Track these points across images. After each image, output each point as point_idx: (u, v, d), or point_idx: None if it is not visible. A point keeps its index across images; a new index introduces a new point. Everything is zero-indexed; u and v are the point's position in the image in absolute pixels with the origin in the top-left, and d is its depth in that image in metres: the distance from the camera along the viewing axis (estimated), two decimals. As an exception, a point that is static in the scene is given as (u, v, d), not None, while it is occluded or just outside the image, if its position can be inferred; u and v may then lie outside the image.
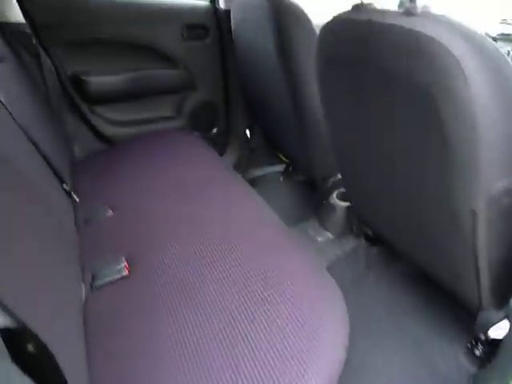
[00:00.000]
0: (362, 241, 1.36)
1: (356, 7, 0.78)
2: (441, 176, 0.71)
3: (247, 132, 1.83)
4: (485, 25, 1.66)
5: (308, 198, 1.62)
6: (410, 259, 1.12)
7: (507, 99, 0.60)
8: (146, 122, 1.68)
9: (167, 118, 1.72)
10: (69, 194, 1.12)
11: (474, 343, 0.98)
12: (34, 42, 1.36)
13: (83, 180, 1.29)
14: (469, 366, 0.98)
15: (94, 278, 0.89)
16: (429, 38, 0.59)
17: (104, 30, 1.49)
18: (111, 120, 1.61)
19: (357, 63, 0.78)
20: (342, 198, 1.39)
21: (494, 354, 0.79)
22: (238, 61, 1.58)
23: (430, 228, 0.86)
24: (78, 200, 1.14)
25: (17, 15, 1.33)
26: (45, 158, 1.04)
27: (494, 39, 1.51)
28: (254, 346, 0.68)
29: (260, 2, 1.22)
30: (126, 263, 0.91)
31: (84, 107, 1.54)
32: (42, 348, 0.37)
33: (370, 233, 1.31)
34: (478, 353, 0.95)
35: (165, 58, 1.62)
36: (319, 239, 1.40)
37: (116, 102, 1.60)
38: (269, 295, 0.77)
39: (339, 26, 0.81)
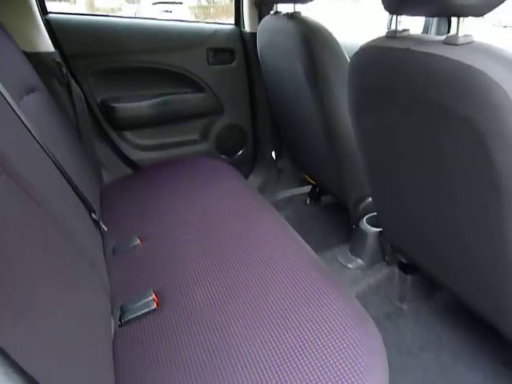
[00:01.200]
0: (396, 269, 1.30)
1: (391, 34, 0.75)
2: (492, 210, 0.67)
3: (273, 154, 1.81)
4: None
5: (337, 223, 1.58)
6: (450, 290, 1.06)
7: None
8: (173, 146, 1.68)
9: (194, 142, 1.72)
10: (97, 223, 1.12)
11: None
12: (64, 71, 1.38)
13: (111, 207, 1.29)
14: None
15: (122, 311, 0.87)
16: (476, 71, 0.56)
17: (130, 58, 1.52)
18: (139, 145, 1.63)
19: (393, 92, 0.75)
20: (373, 223, 1.34)
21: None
22: (266, 84, 1.57)
23: (478, 260, 0.81)
24: (106, 229, 1.13)
25: (47, 45, 1.37)
26: (74, 188, 1.04)
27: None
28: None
29: (288, 25, 1.21)
30: (154, 296, 0.89)
31: (112, 133, 1.56)
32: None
33: (404, 260, 1.26)
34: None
35: (191, 83, 1.63)
36: (350, 266, 1.35)
37: (143, 128, 1.61)
38: (302, 339, 0.73)
39: (374, 53, 0.78)
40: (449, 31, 1.52)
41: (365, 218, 1.38)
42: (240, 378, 0.67)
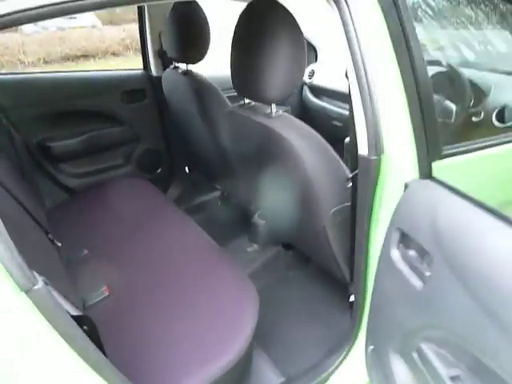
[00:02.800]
0: (281, 248, 1.81)
1: (242, 105, 1.23)
2: (304, 208, 1.18)
3: (186, 169, 2.24)
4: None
5: (240, 219, 2.06)
6: (308, 255, 1.59)
7: (324, 162, 1.07)
8: (102, 171, 2.04)
9: (119, 166, 2.10)
10: (52, 241, 1.48)
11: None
12: (3, 121, 1.69)
13: (57, 227, 1.64)
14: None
15: (84, 301, 1.26)
16: (278, 133, 1.05)
17: (59, 104, 1.85)
18: (73, 173, 1.97)
19: (247, 142, 1.24)
20: (261, 217, 1.83)
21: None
22: (173, 116, 1.99)
23: (310, 236, 1.33)
24: (60, 245, 1.49)
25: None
26: (30, 214, 1.38)
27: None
28: (188, 319, 1.13)
29: (183, 80, 1.65)
30: (106, 287, 1.29)
31: (49, 167, 1.88)
32: (92, 327, 0.77)
33: (284, 241, 1.77)
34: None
35: (112, 119, 2.00)
36: (248, 250, 1.84)
37: (76, 159, 1.95)
38: (201, 296, 1.20)
39: (236, 114, 1.25)
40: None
41: (256, 214, 1.87)
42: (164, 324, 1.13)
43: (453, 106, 1.15)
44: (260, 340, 1.28)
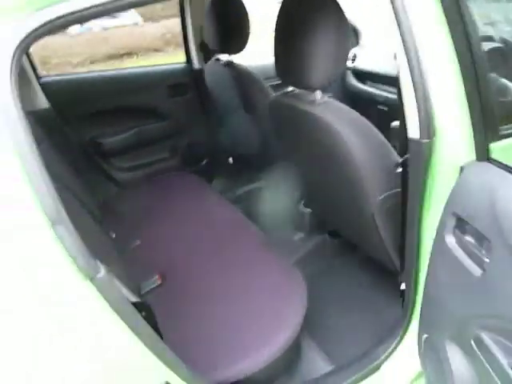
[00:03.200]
0: (326, 236, 1.80)
1: (286, 93, 1.22)
2: (351, 196, 1.16)
3: (230, 160, 2.26)
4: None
5: (285, 206, 2.06)
6: (355, 243, 1.56)
7: (372, 149, 1.05)
8: (149, 164, 2.11)
9: (165, 159, 2.15)
10: (106, 232, 1.55)
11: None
12: (58, 121, 1.78)
13: (110, 219, 1.71)
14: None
15: (139, 289, 1.31)
16: (324, 121, 1.04)
17: (108, 102, 1.93)
18: (122, 167, 2.04)
19: (291, 130, 1.23)
20: (306, 205, 1.82)
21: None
22: (216, 107, 2.01)
23: (357, 224, 1.31)
24: (114, 236, 1.56)
25: (43, 103, 1.76)
26: (85, 206, 1.45)
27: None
28: (238, 306, 1.16)
29: (225, 71, 1.66)
30: (158, 276, 1.34)
31: (101, 162, 1.97)
32: (149, 312, 0.81)
33: (330, 229, 1.76)
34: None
35: (157, 114, 2.05)
36: (295, 238, 1.84)
37: (124, 154, 2.03)
38: (251, 283, 1.22)
39: (280, 102, 1.25)
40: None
41: (302, 202, 1.86)
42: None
43: (510, 84, 1.09)
44: (308, 328, 1.28)
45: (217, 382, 1.01)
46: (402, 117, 0.92)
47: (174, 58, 2.17)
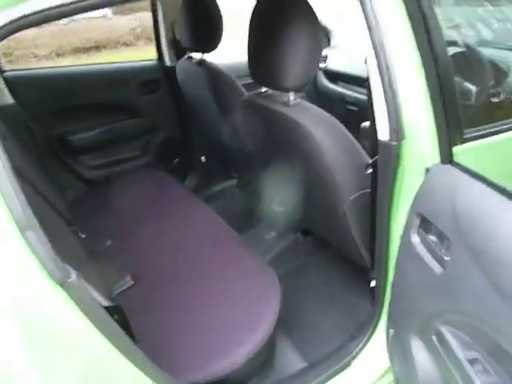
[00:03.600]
0: (299, 235, 1.82)
1: (259, 93, 1.22)
2: (323, 195, 1.18)
3: (203, 159, 2.25)
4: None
5: (256, 206, 2.07)
6: (327, 241, 1.59)
7: (343, 149, 1.07)
8: (120, 162, 2.07)
9: (136, 157, 2.12)
10: (76, 232, 1.51)
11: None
12: (23, 117, 1.72)
13: (79, 219, 1.67)
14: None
15: (110, 290, 1.29)
16: (297, 122, 1.05)
17: (77, 98, 1.88)
18: (92, 165, 2.00)
19: (264, 130, 1.24)
20: (279, 204, 1.84)
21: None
22: (189, 106, 1.99)
23: (330, 222, 1.34)
24: (83, 236, 1.53)
25: (7, 98, 1.70)
26: (53, 206, 1.41)
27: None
28: (212, 306, 1.17)
29: (198, 70, 1.65)
30: (130, 276, 1.32)
31: (69, 159, 1.92)
32: (121, 316, 0.80)
33: (302, 227, 1.78)
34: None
35: (129, 111, 2.02)
36: (267, 237, 1.86)
37: (94, 151, 1.98)
38: (224, 282, 1.22)
39: (253, 102, 1.25)
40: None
41: (274, 201, 1.88)
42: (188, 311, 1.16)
43: (472, 88, 1.13)
44: (282, 325, 1.30)
45: (192, 383, 1.01)
46: (372, 119, 0.95)
47: (144, 53, 2.14)
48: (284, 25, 0.99)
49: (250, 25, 1.09)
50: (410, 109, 0.88)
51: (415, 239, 0.95)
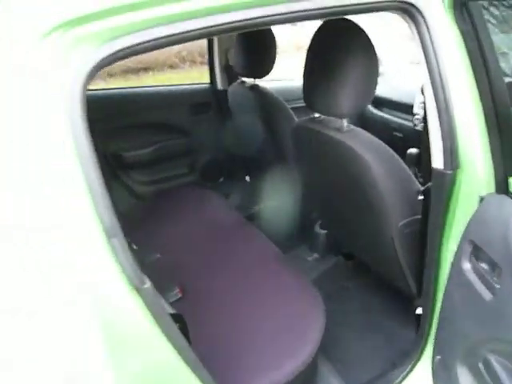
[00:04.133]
0: (340, 258, 1.83)
1: (312, 119, 1.27)
2: (372, 220, 1.20)
3: (247, 178, 2.32)
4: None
5: (299, 228, 2.09)
6: (368, 266, 1.59)
7: (395, 176, 1.10)
8: (167, 179, 2.17)
9: (183, 175, 2.21)
10: (130, 244, 1.59)
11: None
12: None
13: (129, 232, 1.75)
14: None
15: None
16: (350, 148, 1.09)
17: (132, 117, 2.00)
18: (142, 181, 2.10)
19: (315, 154, 1.28)
20: (322, 227, 1.87)
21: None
22: (236, 128, 2.07)
23: (375, 248, 1.35)
24: (135, 247, 1.61)
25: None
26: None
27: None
28: (258, 323, 1.19)
29: (249, 95, 1.73)
30: (179, 289, 1.37)
31: (122, 174, 2.03)
32: (183, 324, 0.85)
33: (345, 251, 1.79)
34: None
35: (178, 131, 2.12)
36: (309, 259, 1.88)
37: (145, 168, 2.09)
38: (270, 298, 1.26)
39: (305, 127, 1.30)
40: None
41: (317, 224, 1.91)
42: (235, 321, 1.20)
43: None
44: (323, 349, 1.31)
45: None
46: (425, 146, 0.97)
47: (189, 75, 2.24)
48: (342, 53, 1.04)
49: (308, 51, 1.15)
50: (466, 139, 0.90)
51: (466, 266, 0.96)
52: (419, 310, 1.25)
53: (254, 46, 1.62)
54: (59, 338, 0.64)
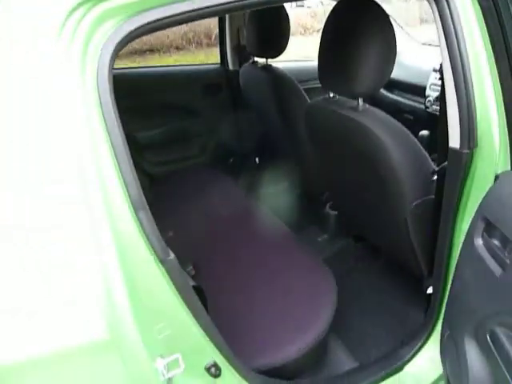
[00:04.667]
0: (350, 239, 1.85)
1: (326, 99, 1.27)
2: (385, 201, 1.21)
3: (257, 159, 2.33)
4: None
5: (310, 207, 2.11)
6: (380, 248, 1.61)
7: (410, 156, 1.10)
8: (179, 160, 2.18)
9: (194, 156, 2.23)
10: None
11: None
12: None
13: None
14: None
15: None
16: (367, 127, 1.09)
17: (143, 98, 2.00)
18: (154, 161, 2.12)
19: (329, 134, 1.29)
20: (333, 208, 1.88)
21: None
22: (247, 109, 2.07)
23: (387, 229, 1.36)
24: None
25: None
26: None
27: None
28: (270, 299, 1.21)
29: (262, 75, 1.72)
30: (192, 267, 1.40)
31: (135, 155, 2.04)
32: (202, 297, 0.87)
33: (355, 232, 1.81)
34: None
35: (191, 111, 2.13)
36: (319, 239, 1.90)
37: (157, 148, 2.10)
38: (282, 278, 1.27)
39: (320, 107, 1.30)
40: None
41: (328, 205, 1.92)
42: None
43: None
44: (333, 326, 1.33)
45: (251, 368, 1.07)
46: (443, 126, 0.98)
47: (196, 57, 2.25)
48: (359, 31, 1.03)
49: (323, 32, 1.15)
50: (483, 117, 0.91)
51: (478, 242, 0.97)
52: (430, 290, 1.27)
53: (266, 24, 1.61)
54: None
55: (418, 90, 2.11)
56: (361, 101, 1.14)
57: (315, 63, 1.21)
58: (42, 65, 0.58)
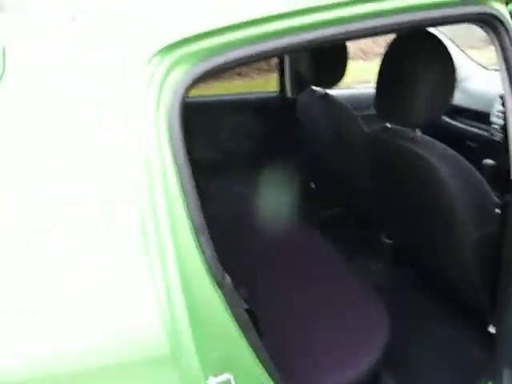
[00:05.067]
0: (406, 269, 1.80)
1: (383, 128, 1.28)
2: (444, 232, 1.18)
3: (312, 184, 2.34)
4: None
5: (362, 236, 2.06)
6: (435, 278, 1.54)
7: (469, 187, 1.08)
8: None
9: None
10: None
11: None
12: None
13: None
14: None
15: None
16: (426, 160, 1.08)
17: (203, 125, 2.10)
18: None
19: (387, 164, 1.29)
20: (388, 237, 1.84)
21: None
22: (304, 136, 2.09)
23: (447, 263, 1.31)
24: None
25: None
26: None
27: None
28: (321, 329, 1.21)
29: (319, 104, 1.75)
30: (245, 289, 1.43)
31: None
32: (255, 320, 0.90)
33: (411, 262, 1.76)
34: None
35: (246, 138, 2.20)
36: (373, 268, 1.86)
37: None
38: (334, 308, 1.27)
39: (378, 137, 1.31)
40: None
41: (383, 233, 1.88)
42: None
43: None
44: (385, 359, 1.30)
45: None
46: (504, 157, 0.95)
47: (256, 84, 2.32)
48: (418, 63, 1.04)
49: (383, 60, 1.16)
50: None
51: None
52: (492, 329, 1.20)
53: (324, 53, 1.65)
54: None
55: (483, 117, 2.04)
56: (418, 131, 1.14)
57: (370, 90, 1.22)
58: (128, 104, 0.66)
